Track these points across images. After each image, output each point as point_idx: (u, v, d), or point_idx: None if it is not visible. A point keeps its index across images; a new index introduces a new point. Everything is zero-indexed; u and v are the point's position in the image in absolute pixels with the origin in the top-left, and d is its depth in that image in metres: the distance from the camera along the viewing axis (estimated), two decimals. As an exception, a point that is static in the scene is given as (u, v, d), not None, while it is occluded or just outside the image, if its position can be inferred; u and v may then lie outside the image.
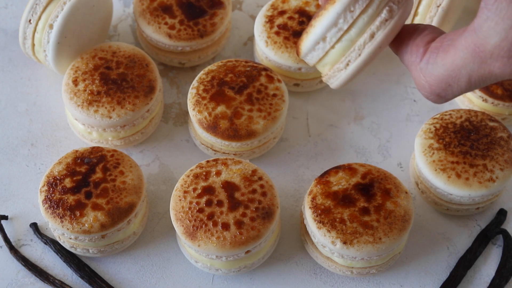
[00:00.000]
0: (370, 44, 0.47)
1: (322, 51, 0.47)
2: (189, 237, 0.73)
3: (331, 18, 0.47)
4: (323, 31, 0.48)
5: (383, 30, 0.46)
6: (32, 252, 0.79)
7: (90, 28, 0.86)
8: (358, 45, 0.47)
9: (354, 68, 0.47)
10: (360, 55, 0.47)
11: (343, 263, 0.76)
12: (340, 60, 0.47)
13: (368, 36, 0.46)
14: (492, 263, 0.80)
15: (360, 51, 0.47)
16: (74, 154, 0.78)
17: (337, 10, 0.47)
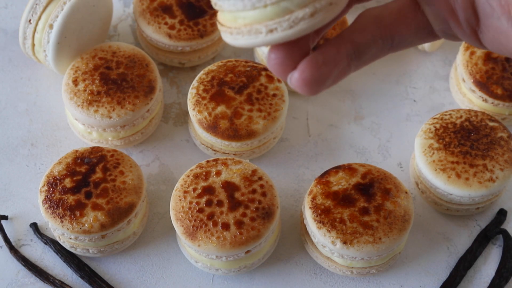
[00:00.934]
0: (307, 21, 0.44)
1: (250, 3, 0.44)
2: (189, 237, 0.73)
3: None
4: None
5: (325, 13, 0.44)
6: (32, 252, 0.79)
7: (90, 28, 0.86)
8: (293, 17, 0.44)
9: (275, 38, 0.44)
10: (291, 28, 0.44)
11: (343, 263, 0.76)
12: (265, 23, 0.44)
13: (309, 12, 0.44)
14: (492, 263, 0.80)
15: (293, 23, 0.44)
16: (74, 154, 0.78)
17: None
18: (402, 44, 0.49)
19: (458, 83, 0.90)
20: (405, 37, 0.49)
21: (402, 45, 0.49)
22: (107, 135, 0.83)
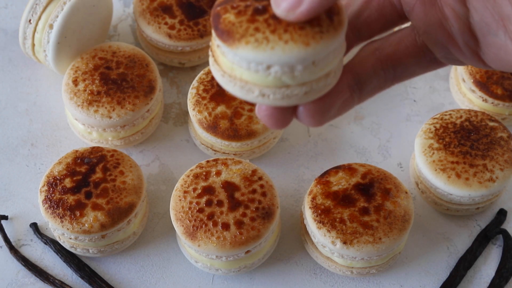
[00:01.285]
0: (299, 98, 0.46)
1: (254, 68, 0.45)
2: (189, 237, 0.73)
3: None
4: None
5: (318, 92, 0.46)
6: (32, 252, 0.79)
7: (90, 28, 0.86)
8: (288, 91, 0.45)
9: (264, 102, 0.45)
10: (283, 99, 0.45)
11: (343, 263, 0.76)
12: (260, 87, 0.45)
13: (304, 91, 0.45)
14: (492, 263, 0.80)
15: (286, 97, 0.45)
16: (74, 154, 0.78)
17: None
18: (405, 74, 0.49)
19: (458, 83, 0.90)
20: (407, 67, 0.49)
21: (405, 75, 0.49)
22: (107, 135, 0.83)
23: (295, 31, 0.43)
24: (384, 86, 0.49)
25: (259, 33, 0.43)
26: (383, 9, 0.50)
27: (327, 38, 0.43)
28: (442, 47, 0.48)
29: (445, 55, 0.48)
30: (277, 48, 0.43)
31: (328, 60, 0.45)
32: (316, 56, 0.43)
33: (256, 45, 0.43)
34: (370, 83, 0.48)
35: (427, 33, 0.48)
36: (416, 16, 0.48)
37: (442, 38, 0.47)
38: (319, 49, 0.43)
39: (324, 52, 0.44)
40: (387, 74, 0.48)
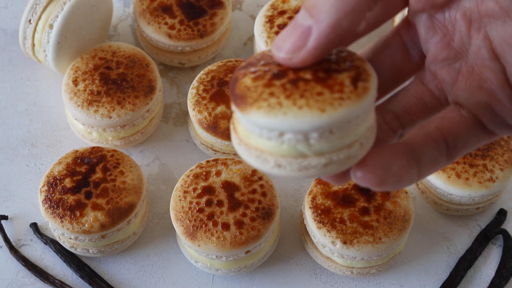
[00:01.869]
0: (318, 170, 0.42)
1: (266, 135, 0.42)
2: (189, 237, 0.73)
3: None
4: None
5: (340, 165, 0.42)
6: (32, 252, 0.79)
7: (90, 28, 0.86)
8: (306, 163, 0.41)
9: (280, 173, 0.42)
10: (300, 171, 0.42)
11: (343, 263, 0.76)
12: (275, 157, 0.42)
13: (323, 163, 0.41)
14: (492, 263, 0.80)
15: (304, 168, 0.42)
16: (74, 154, 0.78)
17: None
18: (458, 148, 0.45)
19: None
20: (457, 139, 0.45)
21: (458, 149, 0.45)
22: (107, 135, 0.83)
23: (312, 96, 0.40)
24: (440, 160, 0.45)
25: (273, 98, 0.40)
26: (422, 97, 0.47)
27: (347, 105, 0.40)
28: (486, 109, 0.45)
29: (492, 118, 0.45)
30: (289, 113, 0.40)
31: (349, 129, 0.41)
32: (333, 124, 0.40)
33: (268, 110, 0.40)
34: (425, 155, 0.44)
35: (470, 99, 0.45)
36: (458, 90, 0.46)
37: (485, 98, 0.45)
38: (336, 116, 0.40)
39: (343, 120, 0.40)
40: (440, 146, 0.45)
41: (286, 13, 0.88)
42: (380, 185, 0.42)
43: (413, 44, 0.47)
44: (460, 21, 0.44)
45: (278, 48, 0.41)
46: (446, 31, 0.45)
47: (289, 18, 0.87)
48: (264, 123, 0.40)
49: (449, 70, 0.46)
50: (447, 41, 0.45)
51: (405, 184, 0.43)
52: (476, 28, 0.44)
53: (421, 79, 0.47)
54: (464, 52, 0.45)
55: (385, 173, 0.42)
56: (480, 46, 0.44)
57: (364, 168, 0.42)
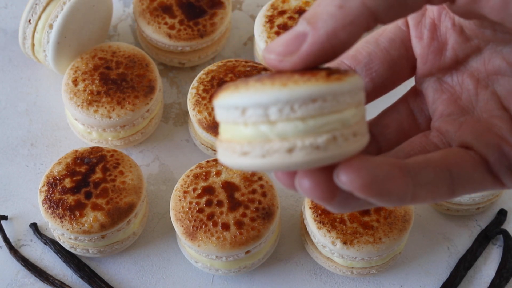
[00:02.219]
0: (281, 157, 0.38)
1: (231, 117, 0.39)
2: (189, 237, 0.73)
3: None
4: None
5: (306, 155, 0.37)
6: (32, 252, 0.79)
7: (90, 28, 0.86)
8: (268, 147, 0.38)
9: (245, 164, 0.38)
10: (264, 158, 0.38)
11: (343, 263, 0.76)
12: (239, 144, 0.39)
13: (286, 147, 0.37)
14: (492, 263, 0.80)
15: (266, 153, 0.38)
16: (74, 154, 0.78)
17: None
18: (460, 187, 0.42)
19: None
20: (460, 179, 0.42)
21: (461, 188, 0.42)
22: (107, 135, 0.83)
23: (280, 78, 0.38)
24: (441, 187, 0.42)
25: (243, 83, 0.38)
26: (426, 147, 0.45)
27: (311, 83, 0.37)
28: (494, 148, 0.43)
29: (499, 158, 0.43)
30: (251, 89, 0.37)
31: (312, 111, 0.37)
32: (293, 99, 0.37)
33: (233, 89, 0.38)
34: (424, 177, 0.41)
35: (478, 139, 0.43)
36: (463, 133, 0.44)
37: (492, 139, 0.43)
38: (297, 91, 0.37)
39: (304, 96, 0.37)
40: (443, 174, 0.42)
41: (286, 13, 0.88)
42: (363, 189, 0.38)
43: (420, 111, 0.47)
44: (468, 81, 0.44)
45: (270, 50, 0.40)
46: (454, 91, 0.45)
47: (289, 18, 0.87)
48: (228, 102, 0.38)
49: (454, 122, 0.45)
50: (454, 99, 0.45)
51: (394, 199, 0.39)
52: (483, 86, 0.44)
53: (426, 135, 0.46)
54: (470, 109, 0.45)
55: (371, 177, 0.38)
56: (488, 99, 0.44)
57: (347, 168, 0.38)
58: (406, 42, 0.46)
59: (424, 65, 0.45)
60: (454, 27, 0.44)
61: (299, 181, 0.39)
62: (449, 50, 0.45)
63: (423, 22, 0.45)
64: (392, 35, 0.46)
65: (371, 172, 0.38)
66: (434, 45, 0.45)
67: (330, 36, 0.38)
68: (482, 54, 0.44)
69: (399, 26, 0.46)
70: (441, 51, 0.45)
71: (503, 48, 0.43)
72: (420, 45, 0.45)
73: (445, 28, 0.44)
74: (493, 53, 0.44)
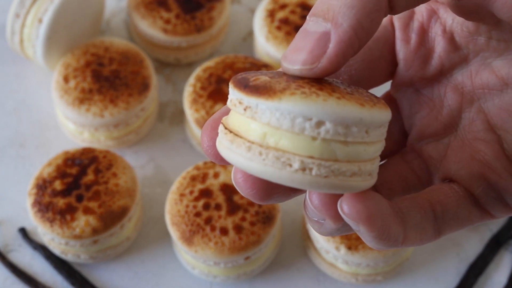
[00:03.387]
0: (340, 180, 0.38)
1: (299, 126, 0.37)
2: (186, 242, 0.73)
3: None
4: None
5: (361, 181, 0.38)
6: (21, 258, 0.79)
7: (81, 23, 0.86)
8: (336, 167, 0.38)
9: (301, 181, 0.37)
10: (326, 178, 0.37)
11: (347, 269, 0.75)
12: (300, 157, 0.37)
13: (351, 172, 0.38)
14: (504, 270, 0.79)
15: (332, 173, 0.38)
16: (64, 155, 0.78)
17: None
18: (447, 219, 0.42)
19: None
20: (447, 210, 0.42)
21: (447, 220, 0.42)
22: (99, 135, 0.83)
23: (342, 93, 0.37)
24: (427, 229, 0.41)
25: (304, 88, 0.37)
26: (403, 174, 0.44)
27: (379, 108, 0.37)
28: (480, 180, 0.42)
29: (485, 191, 0.42)
30: (330, 100, 0.36)
31: (379, 133, 0.38)
32: (371, 122, 0.37)
33: (304, 96, 0.36)
34: (412, 218, 0.41)
35: (462, 171, 0.42)
36: (447, 164, 0.43)
37: (478, 169, 0.42)
38: (374, 114, 0.37)
39: (379, 120, 0.37)
40: (427, 215, 0.41)
41: (288, 7, 0.88)
42: (368, 222, 0.37)
43: (394, 120, 0.45)
44: (451, 95, 0.43)
45: (292, 61, 0.37)
46: (433, 105, 0.44)
47: (291, 12, 0.87)
48: (301, 109, 0.36)
49: (437, 146, 0.44)
50: (435, 116, 0.43)
51: (389, 241, 0.38)
52: (468, 101, 0.42)
53: (402, 157, 0.44)
54: (453, 126, 0.43)
55: (377, 211, 0.37)
56: (473, 119, 0.42)
57: (355, 197, 0.37)
58: (390, 44, 0.44)
59: (406, 71, 0.43)
60: (444, 34, 0.42)
61: (341, 204, 0.38)
62: (435, 58, 0.43)
63: (411, 25, 0.44)
64: (377, 33, 0.44)
65: (377, 206, 0.38)
66: (421, 52, 0.43)
67: (355, 29, 0.37)
68: (469, 66, 0.42)
69: (384, 25, 0.44)
70: (427, 59, 0.43)
71: (494, 61, 0.41)
72: (405, 49, 0.44)
73: (434, 34, 0.43)
74: (481, 66, 0.42)
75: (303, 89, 0.36)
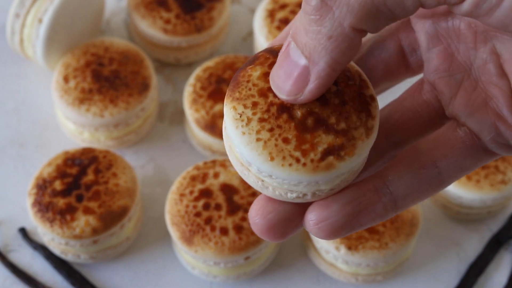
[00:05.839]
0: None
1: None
2: (186, 242, 0.73)
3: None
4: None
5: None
6: (21, 258, 0.79)
7: (81, 23, 0.86)
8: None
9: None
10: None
11: (347, 269, 0.75)
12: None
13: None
14: (504, 270, 0.79)
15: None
16: (64, 155, 0.78)
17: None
18: (451, 173, 0.43)
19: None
20: (451, 163, 0.43)
21: (451, 174, 0.43)
22: (99, 135, 0.83)
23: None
24: (427, 190, 0.43)
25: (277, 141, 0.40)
26: (418, 109, 0.45)
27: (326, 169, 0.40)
28: (489, 128, 0.42)
29: (494, 138, 0.43)
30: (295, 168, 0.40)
31: (348, 176, 0.41)
32: (329, 180, 0.40)
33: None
34: (406, 187, 0.42)
35: (471, 117, 0.43)
36: (457, 105, 0.43)
37: (489, 117, 0.42)
38: (328, 175, 0.40)
39: (334, 176, 0.40)
40: (429, 172, 0.42)
41: (288, 7, 0.88)
42: (332, 235, 0.40)
43: (412, 51, 0.45)
44: (465, 32, 0.43)
45: (279, 89, 0.40)
46: (451, 40, 0.43)
47: (291, 12, 0.87)
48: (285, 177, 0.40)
49: (450, 81, 0.44)
50: (451, 52, 0.43)
51: (371, 224, 0.41)
52: (482, 40, 0.42)
53: (418, 90, 0.45)
54: (467, 65, 0.43)
55: (336, 224, 0.41)
56: (487, 61, 0.42)
57: (317, 207, 0.41)
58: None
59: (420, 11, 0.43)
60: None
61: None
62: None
63: None
64: None
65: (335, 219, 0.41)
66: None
67: (332, 65, 0.39)
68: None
69: None
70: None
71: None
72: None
73: None
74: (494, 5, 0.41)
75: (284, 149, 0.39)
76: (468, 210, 0.80)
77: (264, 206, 0.41)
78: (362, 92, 0.40)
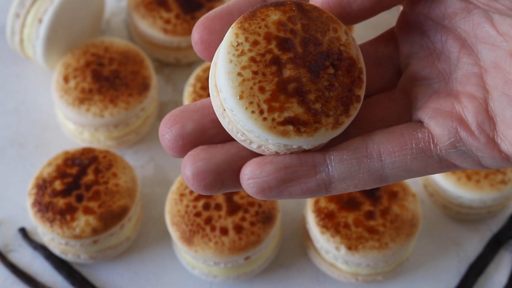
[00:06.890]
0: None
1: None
2: (186, 242, 0.73)
3: None
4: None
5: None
6: (21, 258, 0.79)
7: (81, 23, 0.86)
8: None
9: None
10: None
11: (347, 269, 0.75)
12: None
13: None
14: (504, 270, 0.79)
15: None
16: (64, 155, 0.77)
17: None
18: (396, 169, 0.42)
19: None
20: (397, 160, 0.42)
21: (395, 170, 0.42)
22: (99, 135, 0.83)
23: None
24: (366, 181, 0.42)
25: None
26: (386, 112, 0.44)
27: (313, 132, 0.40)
28: (450, 133, 0.41)
29: (453, 143, 0.41)
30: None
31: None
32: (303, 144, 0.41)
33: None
34: (344, 171, 0.42)
35: (434, 119, 0.42)
36: (426, 108, 0.43)
37: (451, 121, 0.41)
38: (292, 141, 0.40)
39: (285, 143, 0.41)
40: (372, 163, 0.41)
41: None
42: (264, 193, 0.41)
43: (389, 59, 0.45)
44: (451, 42, 0.42)
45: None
46: (434, 49, 0.43)
47: None
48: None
49: (426, 89, 0.43)
50: (432, 60, 0.43)
51: (299, 196, 0.42)
52: (467, 52, 0.42)
53: (389, 95, 0.44)
54: (447, 74, 0.43)
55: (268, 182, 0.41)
56: (468, 71, 0.42)
57: (252, 164, 0.41)
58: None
59: (412, 9, 0.43)
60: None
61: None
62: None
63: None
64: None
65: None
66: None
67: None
68: (472, 16, 0.42)
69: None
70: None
71: (495, 15, 0.40)
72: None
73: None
74: (481, 18, 0.41)
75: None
76: (468, 210, 0.80)
77: (198, 154, 0.42)
78: (353, 89, 0.40)
